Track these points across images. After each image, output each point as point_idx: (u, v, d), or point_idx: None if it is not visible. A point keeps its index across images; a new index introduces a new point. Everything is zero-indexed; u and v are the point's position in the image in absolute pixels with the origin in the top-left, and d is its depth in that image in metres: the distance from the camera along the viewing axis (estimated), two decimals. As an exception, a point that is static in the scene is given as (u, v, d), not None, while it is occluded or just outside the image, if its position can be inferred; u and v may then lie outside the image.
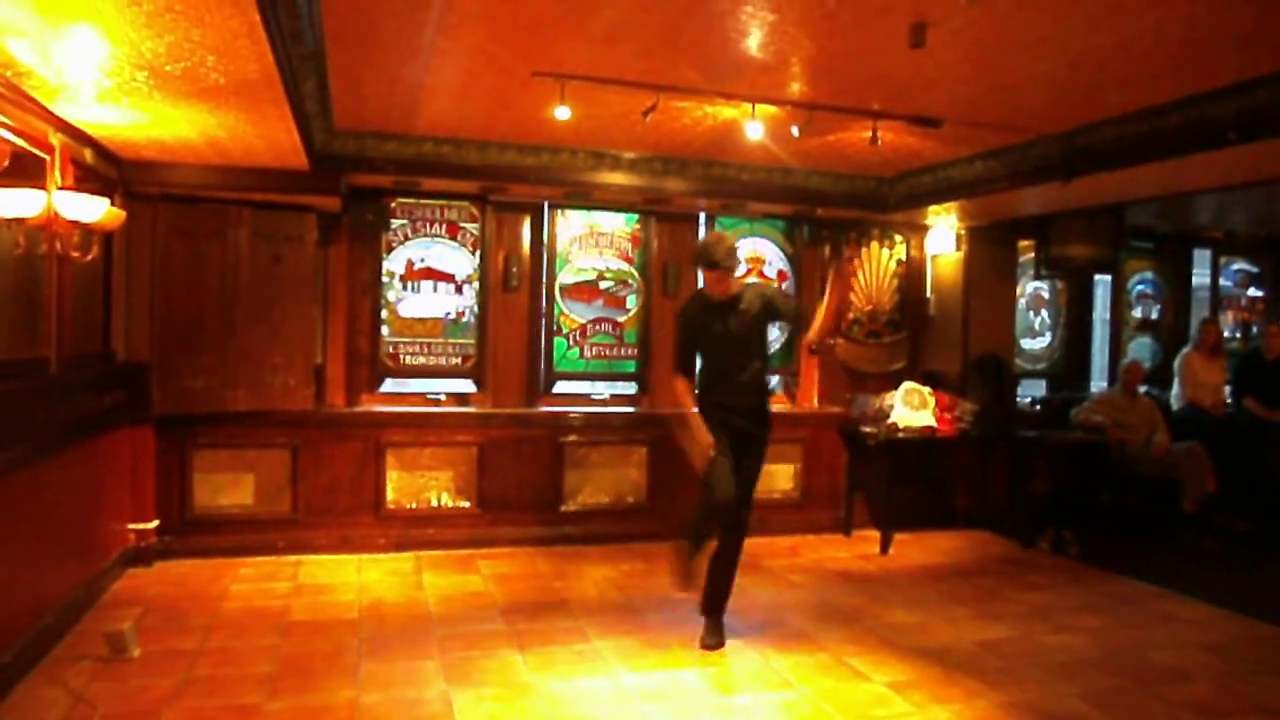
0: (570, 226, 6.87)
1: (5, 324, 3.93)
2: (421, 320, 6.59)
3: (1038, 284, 8.11)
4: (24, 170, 3.84)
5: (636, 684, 4.16)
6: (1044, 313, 8.23)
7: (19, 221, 3.69)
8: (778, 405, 7.42)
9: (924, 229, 7.57)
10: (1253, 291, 9.27)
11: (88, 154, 4.68)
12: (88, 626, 4.60)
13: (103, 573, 5.20)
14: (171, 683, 3.98)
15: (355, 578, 5.71)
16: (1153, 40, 3.72)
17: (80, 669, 4.07)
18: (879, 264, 7.55)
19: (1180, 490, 6.82)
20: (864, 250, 7.49)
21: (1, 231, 3.76)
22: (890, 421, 6.84)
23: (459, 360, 6.66)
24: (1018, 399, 7.75)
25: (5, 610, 3.82)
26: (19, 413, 3.91)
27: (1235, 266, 9.20)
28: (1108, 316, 8.65)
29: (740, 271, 7.21)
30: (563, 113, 4.72)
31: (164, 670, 4.11)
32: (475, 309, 6.68)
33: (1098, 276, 8.35)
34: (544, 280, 6.81)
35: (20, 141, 3.81)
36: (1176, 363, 7.81)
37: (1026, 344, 8.13)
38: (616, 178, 6.25)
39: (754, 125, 4.94)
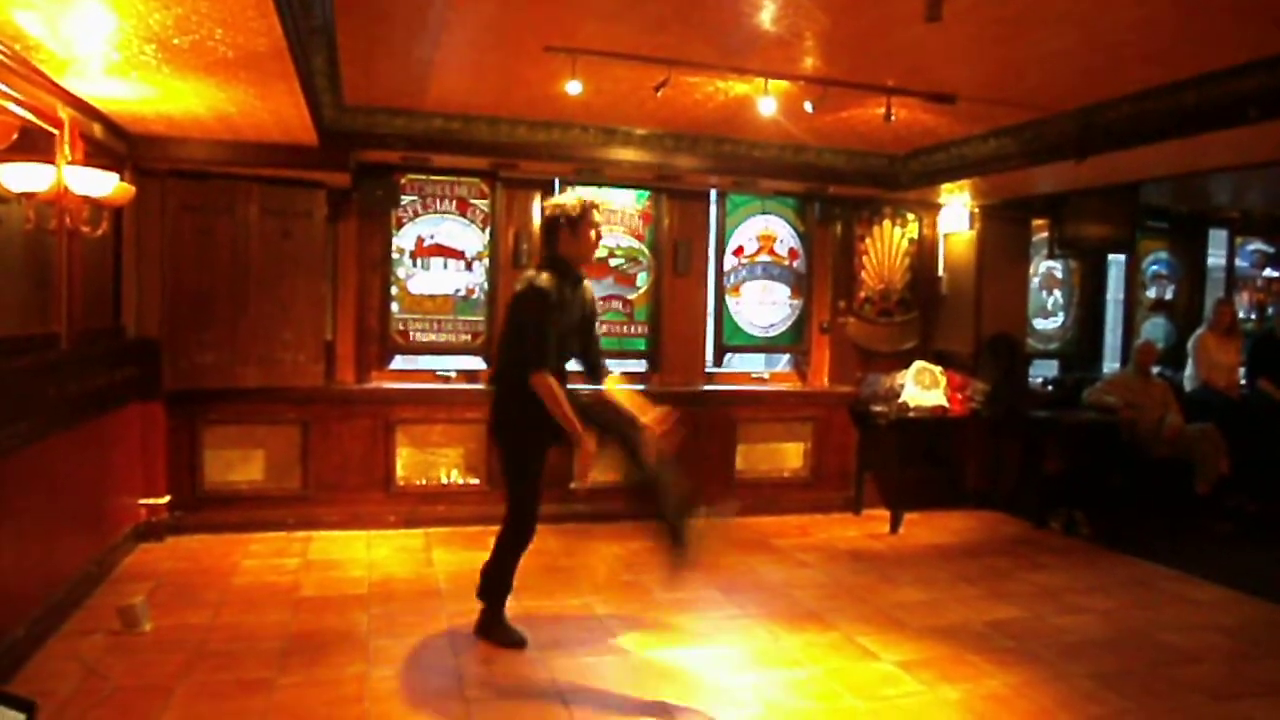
0: (581, 204, 6.83)
1: (16, 299, 3.93)
2: (431, 297, 6.58)
3: (1051, 263, 8.05)
4: (33, 145, 3.83)
5: (645, 661, 4.17)
6: (1057, 292, 8.17)
7: (29, 196, 3.68)
8: (787, 384, 7.43)
9: (937, 207, 7.51)
10: (1269, 272, 9.20)
11: (97, 129, 4.66)
12: (100, 601, 4.62)
13: (114, 547, 5.23)
14: (183, 657, 4.00)
15: (365, 554, 5.73)
16: (1173, 16, 3.66)
17: (93, 642, 4.10)
18: (891, 242, 7.49)
19: (1193, 472, 6.78)
20: (876, 228, 7.44)
21: (11, 206, 3.75)
22: (901, 401, 6.81)
23: (469, 337, 6.66)
24: (1030, 379, 7.71)
25: (18, 584, 3.84)
26: (30, 388, 3.92)
27: (1251, 247, 9.12)
28: (1121, 297, 8.59)
29: (753, 250, 7.30)
30: (574, 88, 4.68)
31: (176, 644, 4.13)
32: (485, 286, 6.67)
33: (1112, 256, 8.27)
34: (554, 257, 6.77)
35: (29, 116, 3.79)
36: (1191, 343, 7.75)
37: (1039, 324, 8.09)
38: (627, 154, 6.20)
39: (766, 101, 4.90)
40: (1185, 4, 3.54)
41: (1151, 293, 8.64)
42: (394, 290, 6.49)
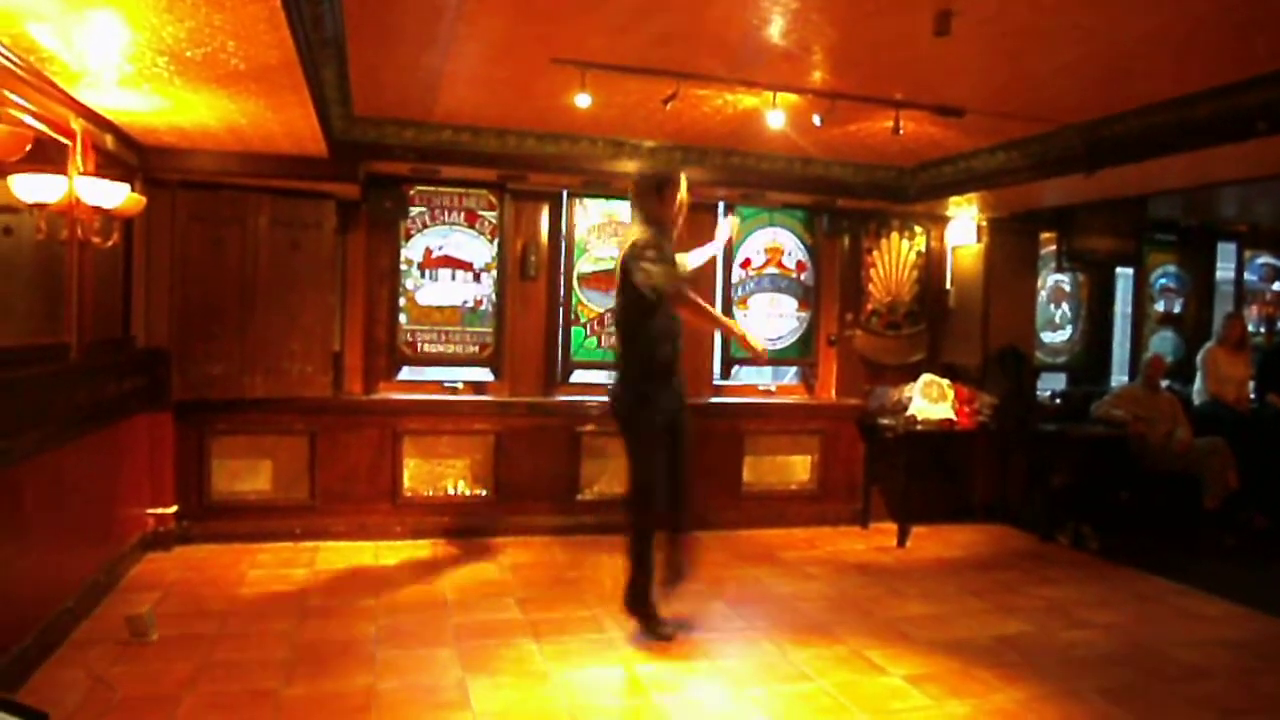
0: (589, 215, 6.86)
1: (27, 309, 3.96)
2: (439, 308, 6.59)
3: (1059, 276, 8.04)
4: (46, 156, 3.85)
5: (651, 674, 4.15)
6: (1065, 305, 8.16)
7: (41, 207, 3.69)
8: (794, 396, 7.42)
9: (944, 220, 7.51)
10: (1278, 286, 9.17)
11: (108, 140, 4.69)
12: (107, 610, 4.63)
13: (122, 557, 5.24)
14: (190, 666, 4.00)
15: (372, 564, 5.73)
16: (1180, 30, 3.67)
17: (100, 652, 4.10)
18: (899, 255, 7.49)
19: (1201, 486, 6.76)
20: (884, 241, 7.45)
21: (23, 217, 3.77)
22: (909, 414, 6.80)
23: (476, 348, 6.67)
24: (1037, 392, 7.69)
25: (27, 593, 3.85)
26: (40, 398, 3.93)
27: (1260, 260, 9.10)
28: (1129, 310, 8.57)
29: (760, 262, 7.29)
30: (583, 100, 4.70)
31: (183, 654, 4.14)
32: (493, 297, 6.68)
33: (1120, 269, 8.27)
34: (562, 269, 6.80)
35: (42, 127, 3.82)
36: (1200, 357, 7.73)
37: (1047, 337, 8.07)
38: (636, 166, 6.21)
39: (775, 114, 4.90)
40: (1192, 19, 3.54)
41: (1160, 306, 8.62)
42: (402, 301, 6.50)
